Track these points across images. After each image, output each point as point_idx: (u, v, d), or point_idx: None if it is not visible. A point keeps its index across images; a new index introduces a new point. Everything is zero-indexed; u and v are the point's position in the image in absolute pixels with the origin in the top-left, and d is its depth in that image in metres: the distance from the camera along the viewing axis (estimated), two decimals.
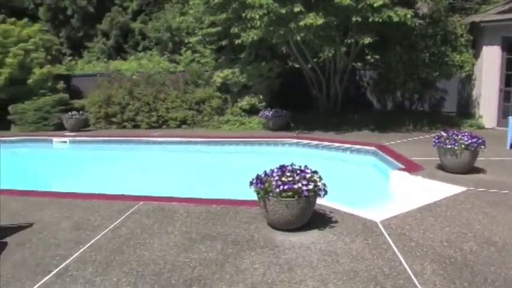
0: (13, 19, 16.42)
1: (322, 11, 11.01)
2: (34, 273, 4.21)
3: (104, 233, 5.09)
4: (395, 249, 4.45)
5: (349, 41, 11.85)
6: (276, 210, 4.85)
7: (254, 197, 5.12)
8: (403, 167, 7.80)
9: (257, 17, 11.16)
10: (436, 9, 12.19)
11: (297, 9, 10.89)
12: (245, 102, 14.04)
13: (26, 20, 16.63)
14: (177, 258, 4.38)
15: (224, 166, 10.56)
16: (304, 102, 14.57)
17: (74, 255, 4.54)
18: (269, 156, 11.04)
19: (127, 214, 5.67)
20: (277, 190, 4.78)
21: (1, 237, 5.11)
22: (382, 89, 14.02)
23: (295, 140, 11.60)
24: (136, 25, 20.08)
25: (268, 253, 4.43)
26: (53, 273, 4.19)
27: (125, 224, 5.35)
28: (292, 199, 4.78)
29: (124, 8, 20.45)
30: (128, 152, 12.21)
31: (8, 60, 14.81)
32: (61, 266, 4.32)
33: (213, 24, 14.08)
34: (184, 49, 16.93)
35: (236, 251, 4.49)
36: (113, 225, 5.30)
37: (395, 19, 10.88)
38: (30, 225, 5.46)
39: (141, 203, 6.06)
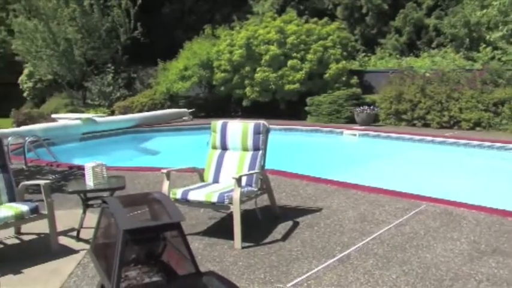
0: (315, 19, 17.79)
1: None
2: (319, 254, 4.48)
3: (387, 228, 5.11)
4: None
5: None
6: None
7: None
8: None
9: None
10: None
11: None
12: None
13: (325, 19, 17.81)
14: (461, 268, 4.12)
15: None
16: None
17: (357, 245, 4.68)
18: None
19: (411, 213, 5.57)
20: None
21: (294, 216, 5.60)
22: None
23: None
24: (430, 21, 19.50)
25: None
26: (336, 258, 4.40)
27: (409, 222, 5.27)
28: None
29: (418, 4, 20.08)
30: (415, 151, 11.99)
31: (309, 56, 16.08)
32: (344, 253, 4.50)
33: None
34: (483, 46, 15.76)
35: None
36: (397, 222, 5.28)
37: None
38: (319, 210, 5.84)
39: (427, 203, 5.89)
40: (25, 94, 22.72)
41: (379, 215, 5.54)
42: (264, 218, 5.51)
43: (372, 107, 14.47)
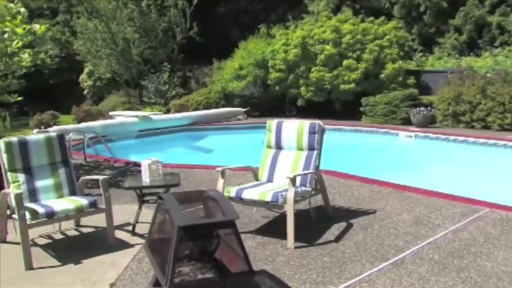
0: (371, 18, 17.52)
1: None
2: (373, 257, 4.41)
3: (444, 233, 4.96)
4: None
5: None
6: None
7: None
8: None
9: None
10: None
11: None
12: None
13: (382, 18, 17.49)
14: None
15: None
16: None
17: (411, 249, 4.57)
18: None
19: (470, 219, 5.37)
20: None
21: (348, 217, 5.53)
22: None
23: None
24: (494, 18, 18.78)
25: None
26: (390, 261, 4.31)
27: (467, 228, 5.09)
28: None
29: (481, 1, 19.38)
30: (474, 154, 11.59)
31: (365, 56, 15.85)
32: (398, 257, 4.40)
33: None
34: None
35: None
36: (454, 227, 5.11)
37: None
38: (373, 211, 5.75)
39: (487, 209, 5.66)
40: (85, 92, 23.53)
41: (435, 219, 5.39)
42: (318, 219, 5.48)
43: (428, 108, 14.07)
